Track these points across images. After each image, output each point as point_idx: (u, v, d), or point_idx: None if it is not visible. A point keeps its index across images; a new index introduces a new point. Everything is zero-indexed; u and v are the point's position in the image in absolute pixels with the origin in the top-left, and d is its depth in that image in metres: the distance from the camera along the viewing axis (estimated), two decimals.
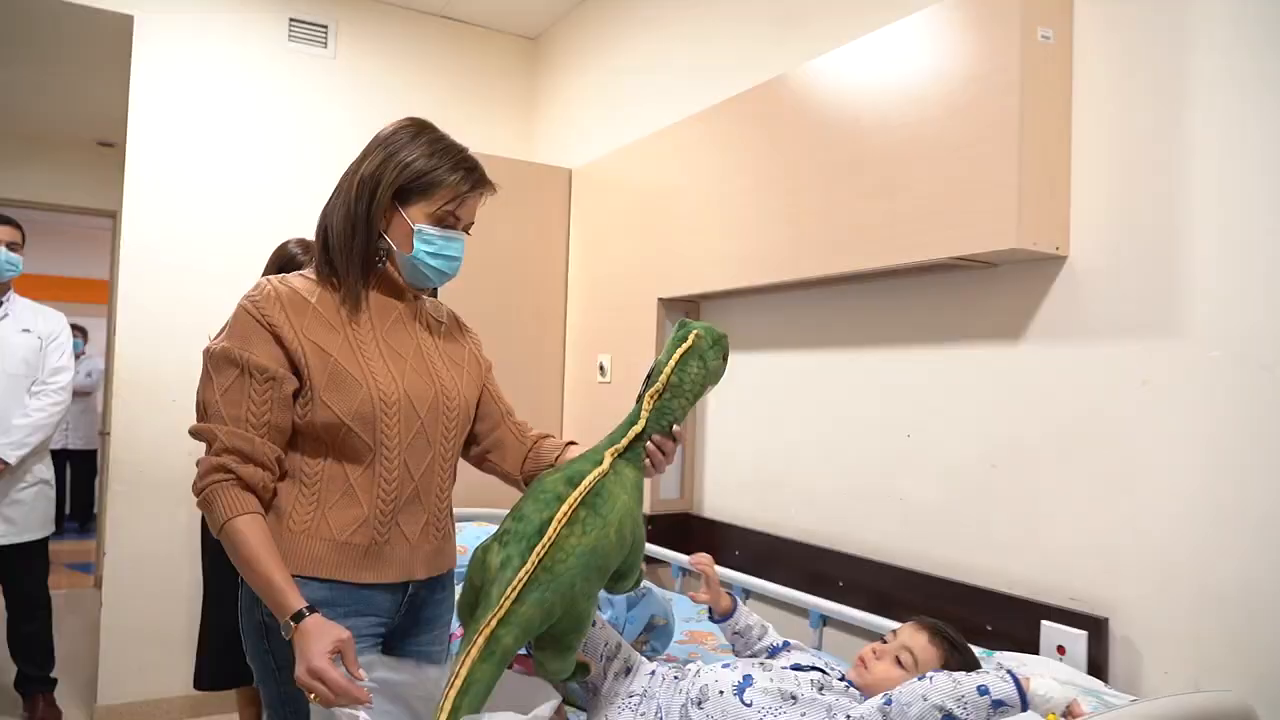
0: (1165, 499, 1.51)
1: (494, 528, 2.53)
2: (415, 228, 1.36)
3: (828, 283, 2.18)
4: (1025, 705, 1.20)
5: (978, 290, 1.85)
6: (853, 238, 1.95)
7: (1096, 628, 1.55)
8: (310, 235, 2.54)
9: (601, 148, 3.18)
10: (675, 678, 1.49)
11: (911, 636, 1.43)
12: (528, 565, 1.19)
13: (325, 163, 3.31)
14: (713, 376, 1.38)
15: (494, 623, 1.17)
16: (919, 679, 1.26)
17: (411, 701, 1.30)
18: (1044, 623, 1.63)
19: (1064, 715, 1.18)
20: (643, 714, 1.45)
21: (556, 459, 1.51)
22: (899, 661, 1.39)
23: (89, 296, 7.21)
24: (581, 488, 1.26)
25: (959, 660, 1.39)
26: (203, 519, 2.57)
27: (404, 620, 1.42)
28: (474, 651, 1.16)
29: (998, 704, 1.20)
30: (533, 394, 3.12)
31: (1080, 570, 1.63)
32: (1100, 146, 1.64)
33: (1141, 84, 1.57)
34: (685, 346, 1.35)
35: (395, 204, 1.36)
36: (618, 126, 3.16)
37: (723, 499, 2.57)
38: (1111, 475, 1.59)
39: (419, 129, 1.40)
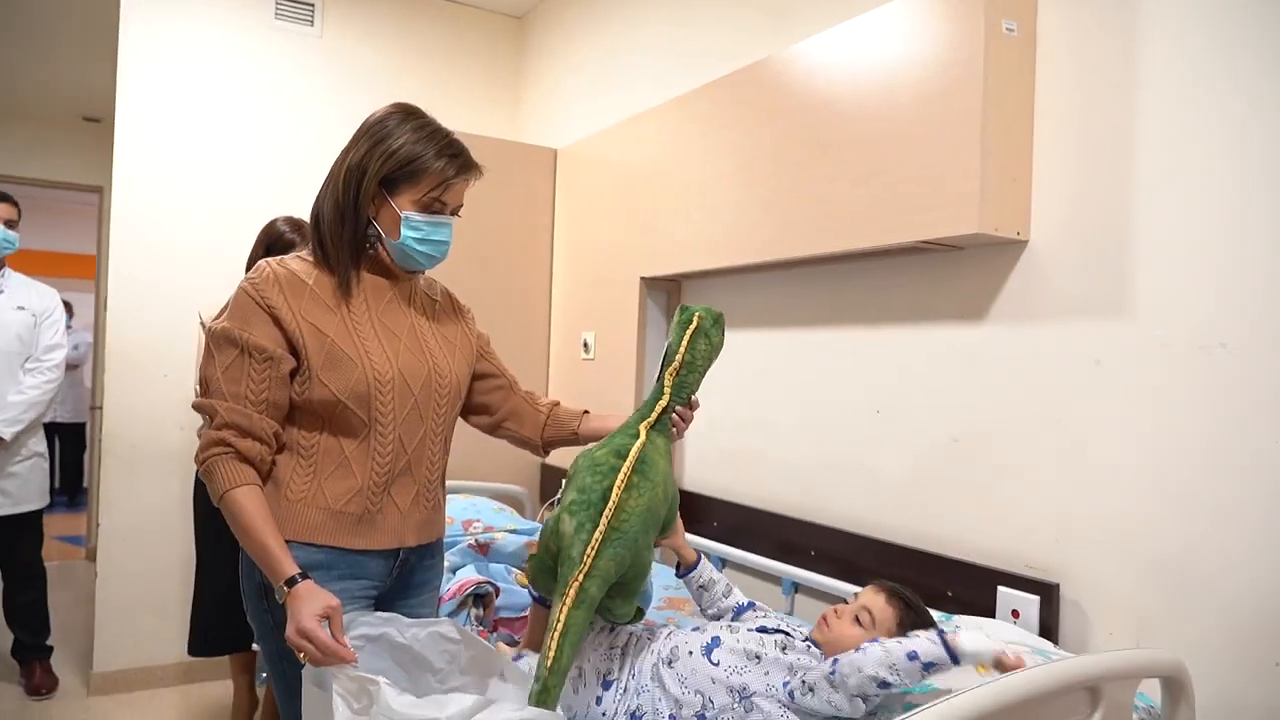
0: (1113, 472, 1.60)
1: (478, 500, 2.62)
2: (402, 215, 1.41)
3: (803, 264, 2.25)
4: (956, 661, 1.29)
5: (944, 273, 1.93)
6: (827, 220, 2.02)
7: (1048, 593, 1.65)
8: (298, 212, 2.62)
9: (587, 128, 3.22)
10: (648, 639, 1.57)
11: (870, 597, 1.51)
12: (600, 527, 1.38)
13: (313, 140, 3.35)
14: (716, 350, 1.56)
15: (580, 577, 1.36)
16: (855, 651, 1.34)
17: (392, 650, 1.37)
18: (1000, 588, 1.72)
19: (994, 666, 1.27)
20: (616, 665, 1.54)
21: (579, 427, 1.68)
22: (858, 620, 1.48)
23: (71, 271, 7.22)
24: (631, 458, 1.44)
25: (913, 618, 1.48)
26: (194, 492, 2.66)
27: (395, 584, 1.50)
28: (568, 602, 1.35)
29: (929, 665, 1.28)
30: (518, 370, 3.16)
31: (1034, 539, 1.72)
32: (1060, 136, 1.71)
33: (1101, 76, 1.64)
34: (692, 328, 1.52)
35: (382, 191, 1.41)
36: (603, 107, 3.21)
37: (702, 471, 2.66)
38: (1065, 450, 1.68)
39: (405, 115, 1.44)
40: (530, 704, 1.30)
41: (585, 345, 3.01)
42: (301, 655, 1.22)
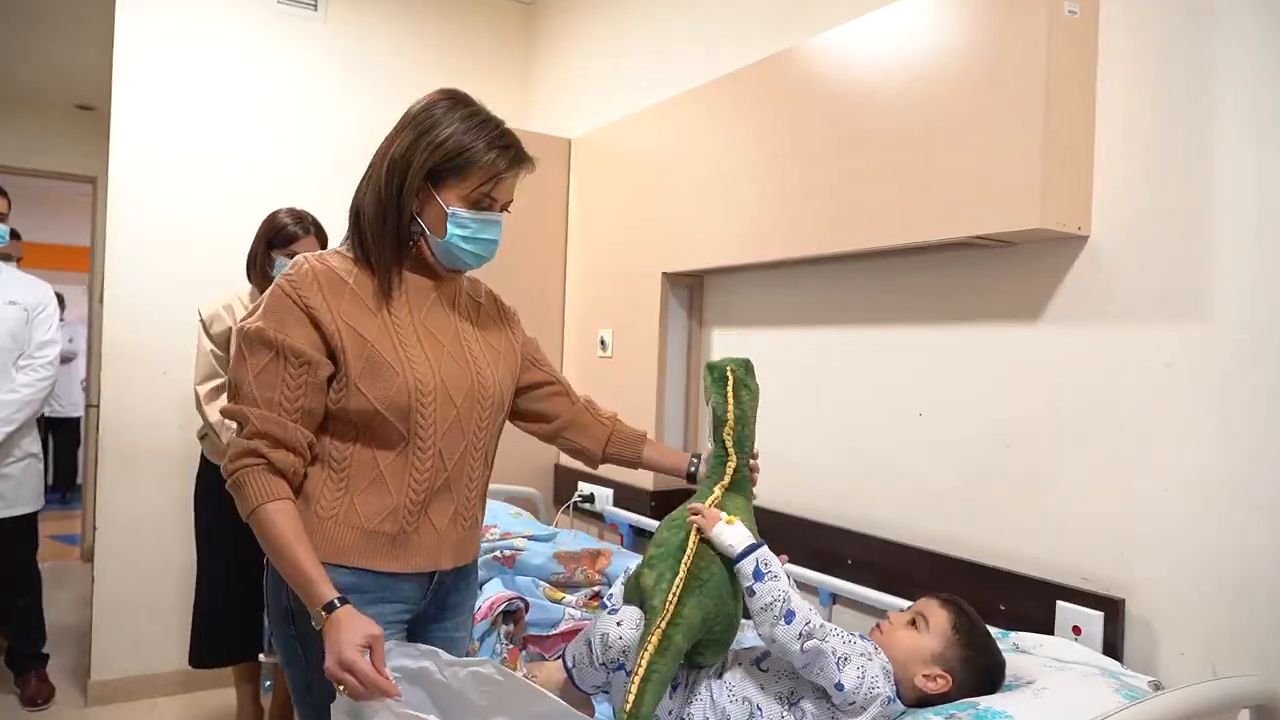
0: (1184, 482, 1.51)
1: (492, 503, 2.52)
2: (449, 211, 1.31)
3: (837, 260, 2.15)
4: (750, 549, 1.39)
5: (994, 269, 1.83)
6: (866, 215, 1.92)
7: (1113, 609, 1.56)
8: (300, 203, 2.51)
9: (602, 117, 3.11)
10: None
11: (925, 603, 1.46)
12: (680, 575, 1.37)
13: (316, 128, 3.23)
14: (757, 395, 1.57)
15: (664, 624, 1.33)
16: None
17: (430, 686, 1.29)
18: (1059, 603, 1.63)
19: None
20: (680, 672, 1.49)
21: (643, 452, 1.63)
22: (913, 624, 1.42)
23: (62, 263, 7.09)
24: (706, 507, 1.45)
25: (967, 624, 1.40)
26: (195, 495, 2.55)
27: (429, 607, 1.40)
28: (651, 648, 1.32)
29: (759, 573, 1.37)
30: None
31: (1097, 552, 1.63)
32: (1124, 124, 1.61)
33: (1167, 61, 1.54)
34: (730, 384, 1.53)
35: (428, 185, 1.31)
36: (618, 96, 3.10)
37: None
38: (1129, 457, 1.58)
39: (452, 104, 1.34)
40: None
41: (602, 343, 2.91)
42: (341, 688, 1.12)
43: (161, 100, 3.03)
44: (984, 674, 1.39)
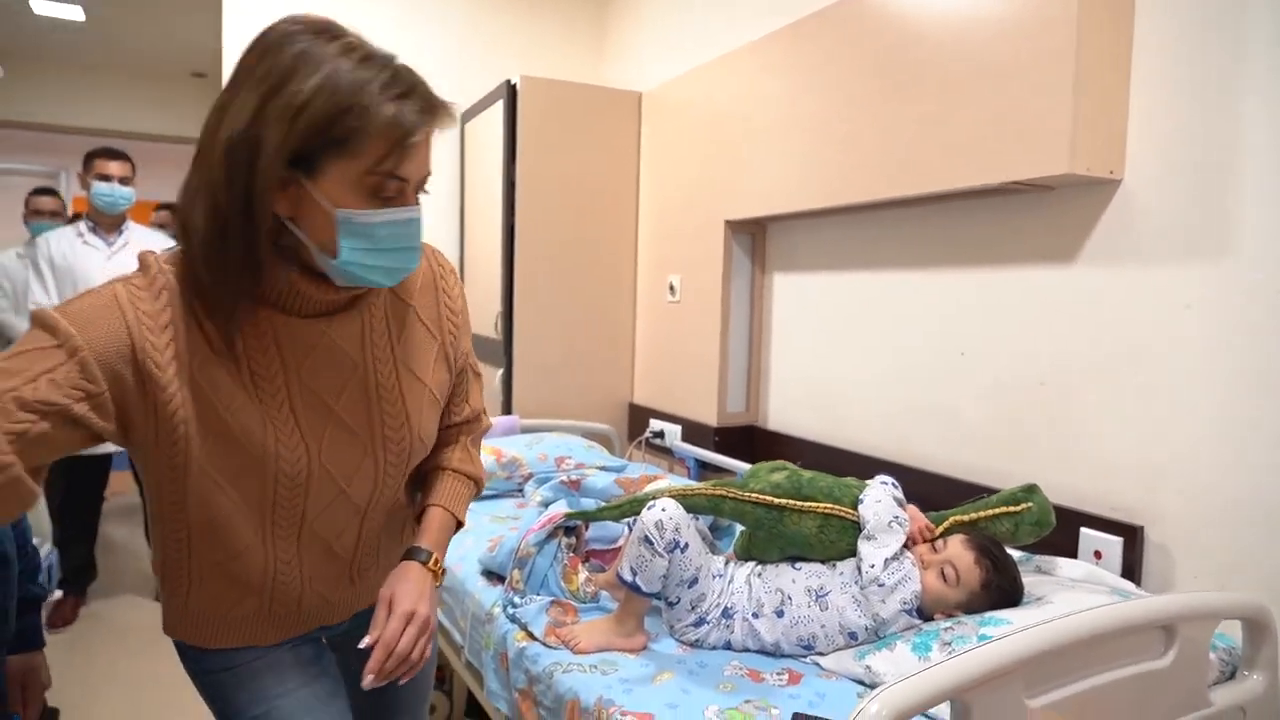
0: (1203, 416, 1.58)
1: (569, 437, 2.72)
2: (338, 216, 0.88)
3: (887, 206, 2.24)
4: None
5: (1032, 213, 1.89)
6: (912, 162, 2.00)
7: (1131, 535, 1.65)
8: None
9: (672, 70, 3.22)
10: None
11: (959, 553, 1.52)
12: (784, 500, 1.61)
13: None
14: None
15: (737, 493, 1.63)
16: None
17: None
18: (1083, 530, 1.73)
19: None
20: (725, 565, 1.67)
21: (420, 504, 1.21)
22: (943, 575, 1.51)
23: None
24: (837, 511, 1.62)
25: (999, 580, 1.50)
26: None
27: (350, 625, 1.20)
28: (715, 491, 1.65)
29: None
30: (606, 315, 3.28)
31: (1120, 482, 1.72)
32: (1160, 70, 1.64)
33: (1202, 7, 1.57)
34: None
35: (296, 175, 0.88)
36: (688, 49, 3.20)
37: (785, 412, 2.71)
38: (1153, 394, 1.66)
39: (314, 35, 0.91)
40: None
41: (671, 288, 3.06)
42: None
43: None
44: (1001, 606, 1.49)
